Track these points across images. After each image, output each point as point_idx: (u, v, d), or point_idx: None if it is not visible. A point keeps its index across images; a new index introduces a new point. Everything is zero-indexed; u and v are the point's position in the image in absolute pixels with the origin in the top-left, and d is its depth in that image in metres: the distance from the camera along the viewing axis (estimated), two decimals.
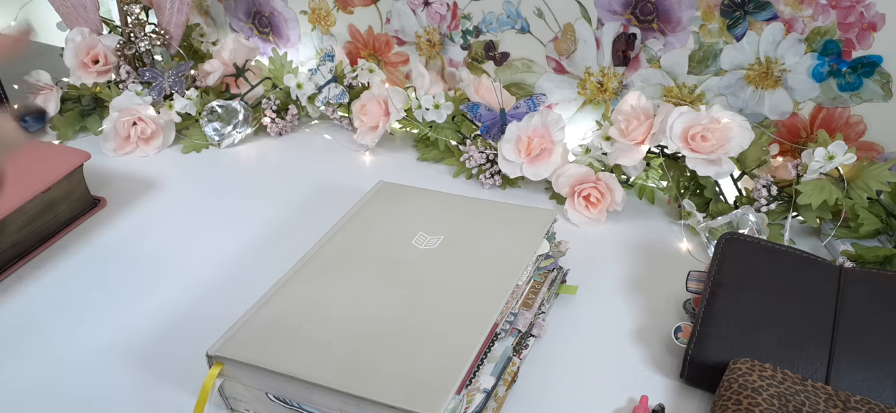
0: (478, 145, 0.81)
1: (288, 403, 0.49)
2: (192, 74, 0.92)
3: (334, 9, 0.94)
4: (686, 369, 0.54)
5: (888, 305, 0.55)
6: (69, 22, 0.93)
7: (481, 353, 0.50)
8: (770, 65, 0.73)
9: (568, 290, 0.63)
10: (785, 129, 0.76)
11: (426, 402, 0.44)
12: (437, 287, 0.54)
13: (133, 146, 0.87)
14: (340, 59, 0.93)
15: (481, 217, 0.62)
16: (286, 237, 0.73)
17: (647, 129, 0.73)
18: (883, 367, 0.51)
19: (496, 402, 0.52)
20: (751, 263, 0.59)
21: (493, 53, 0.87)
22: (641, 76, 0.80)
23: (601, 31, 0.79)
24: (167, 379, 0.56)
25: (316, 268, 0.57)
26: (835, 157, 0.66)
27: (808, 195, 0.66)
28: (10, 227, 0.67)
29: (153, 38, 0.91)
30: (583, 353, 0.58)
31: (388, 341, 0.49)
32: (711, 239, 0.69)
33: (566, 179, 0.75)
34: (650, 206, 0.77)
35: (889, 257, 0.64)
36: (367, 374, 0.46)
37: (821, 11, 0.68)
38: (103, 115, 0.92)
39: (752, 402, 0.47)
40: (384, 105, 0.85)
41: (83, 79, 0.91)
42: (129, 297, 0.65)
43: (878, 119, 0.71)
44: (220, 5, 1.04)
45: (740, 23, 0.72)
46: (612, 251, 0.70)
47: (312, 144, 0.90)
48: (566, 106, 0.86)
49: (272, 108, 0.91)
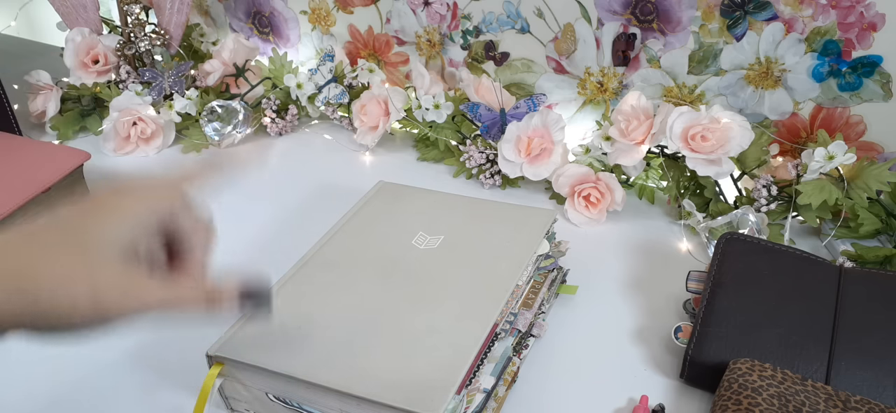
0: (478, 145, 0.81)
1: (288, 403, 0.49)
2: (192, 74, 0.92)
3: (334, 9, 0.94)
4: (686, 369, 0.54)
5: (888, 305, 0.55)
6: (69, 22, 0.93)
7: (481, 353, 0.50)
8: (770, 65, 0.73)
9: (568, 290, 0.63)
10: (785, 129, 0.76)
11: (426, 402, 0.44)
12: (436, 287, 0.54)
13: (133, 146, 0.87)
14: (340, 59, 0.93)
15: (481, 217, 0.62)
16: (286, 237, 0.73)
17: (647, 129, 0.73)
18: (883, 367, 0.51)
19: (496, 402, 0.52)
20: (751, 263, 0.59)
21: (493, 53, 0.87)
22: (641, 76, 0.80)
23: (601, 31, 0.79)
24: (167, 379, 0.56)
25: (316, 268, 0.57)
26: (835, 157, 0.66)
27: (808, 195, 0.66)
28: None
29: (153, 38, 0.91)
30: (583, 353, 0.58)
31: (389, 341, 0.49)
32: (711, 239, 0.69)
33: (566, 179, 0.75)
34: (650, 206, 0.77)
35: (889, 257, 0.64)
36: (367, 374, 0.46)
37: (821, 11, 0.68)
38: (103, 115, 0.92)
39: (752, 402, 0.47)
40: (384, 105, 0.85)
41: (83, 79, 0.91)
42: None
43: (878, 119, 0.71)
44: (220, 5, 1.04)
45: (740, 23, 0.72)
46: (612, 251, 0.70)
47: (312, 144, 0.90)
48: (566, 106, 0.86)
49: (272, 108, 0.91)
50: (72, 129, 0.91)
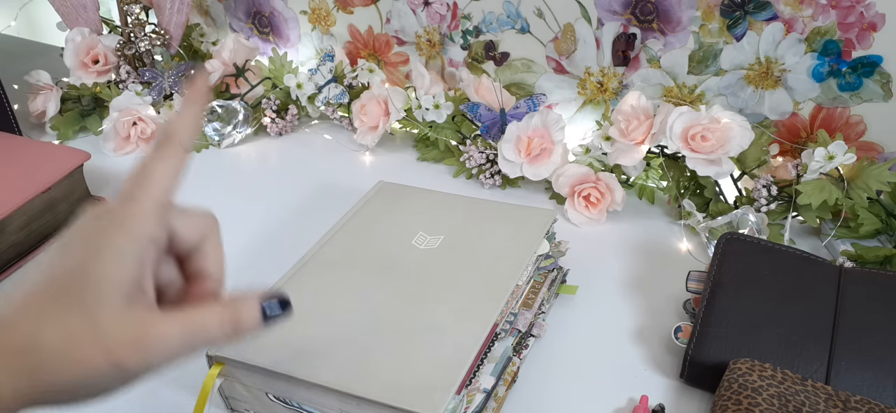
0: (478, 145, 0.81)
1: (288, 403, 0.49)
2: (192, 74, 0.92)
3: (334, 9, 0.94)
4: (686, 369, 0.54)
5: (888, 305, 0.55)
6: (69, 22, 0.93)
7: (481, 353, 0.50)
8: (770, 65, 0.73)
9: (568, 290, 0.63)
10: (785, 129, 0.76)
11: (426, 402, 0.44)
12: (437, 287, 0.54)
13: (133, 146, 0.87)
14: (340, 59, 0.93)
15: (481, 217, 0.62)
16: (286, 237, 0.73)
17: (647, 129, 0.73)
18: (883, 367, 0.51)
19: (496, 402, 0.52)
20: (751, 263, 0.59)
21: (493, 53, 0.87)
22: (641, 76, 0.80)
23: (601, 31, 0.79)
24: (167, 379, 0.56)
25: (316, 268, 0.57)
26: (835, 157, 0.66)
27: (808, 195, 0.66)
28: (10, 227, 0.67)
29: (153, 38, 0.91)
30: (583, 353, 0.58)
31: (388, 341, 0.49)
32: (711, 239, 0.69)
33: (566, 179, 0.75)
34: (650, 206, 0.77)
35: (889, 257, 0.64)
36: (367, 374, 0.46)
37: (821, 11, 0.68)
38: (103, 115, 0.92)
39: (752, 402, 0.47)
40: (384, 105, 0.85)
41: (83, 79, 0.91)
42: None
43: (878, 119, 0.71)
44: (220, 5, 1.04)
45: (740, 23, 0.72)
46: (612, 251, 0.70)
47: (312, 144, 0.90)
48: (566, 106, 0.86)
49: (272, 108, 0.91)
50: (72, 129, 0.91)
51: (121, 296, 0.31)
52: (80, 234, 0.33)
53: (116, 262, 0.31)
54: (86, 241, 0.32)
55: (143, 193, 0.33)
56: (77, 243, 0.32)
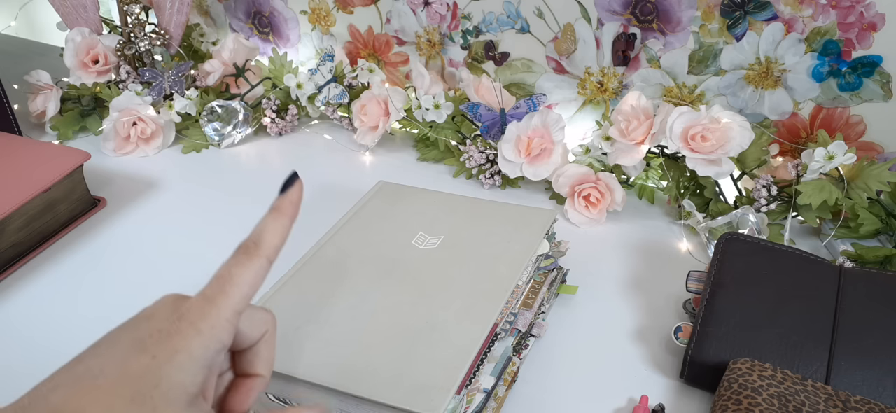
0: (478, 145, 0.81)
1: (288, 403, 0.49)
2: (192, 74, 0.92)
3: (334, 9, 0.94)
4: (686, 369, 0.54)
5: (888, 305, 0.55)
6: (69, 22, 0.93)
7: (481, 353, 0.50)
8: (770, 65, 0.73)
9: (568, 290, 0.63)
10: (785, 129, 0.76)
11: (426, 402, 0.44)
12: (437, 287, 0.54)
13: (133, 146, 0.87)
14: (340, 59, 0.93)
15: (481, 217, 0.62)
16: None
17: (647, 129, 0.73)
18: (883, 367, 0.51)
19: (496, 402, 0.52)
20: (751, 263, 0.60)
21: (493, 53, 0.87)
22: (641, 76, 0.80)
23: (601, 31, 0.79)
24: None
25: (316, 268, 0.57)
26: (835, 157, 0.66)
27: (808, 195, 0.66)
28: (10, 227, 0.67)
29: (153, 38, 0.91)
30: (583, 353, 0.58)
31: (388, 341, 0.49)
32: (711, 239, 0.69)
33: (566, 179, 0.75)
34: (650, 206, 0.77)
35: (889, 257, 0.64)
36: (367, 374, 0.46)
37: (821, 11, 0.68)
38: (103, 115, 0.92)
39: (752, 402, 0.47)
40: (384, 105, 0.85)
41: (83, 79, 0.91)
42: (129, 296, 0.65)
43: (878, 119, 0.71)
44: (220, 5, 1.04)
45: (740, 23, 0.72)
46: (612, 251, 0.70)
47: (312, 144, 0.90)
48: (566, 106, 0.86)
49: (272, 108, 0.91)
50: (72, 129, 0.91)
51: (186, 400, 0.32)
52: (157, 330, 0.33)
53: (188, 368, 0.32)
54: (162, 339, 0.32)
55: (224, 300, 0.34)
56: (153, 339, 0.32)
